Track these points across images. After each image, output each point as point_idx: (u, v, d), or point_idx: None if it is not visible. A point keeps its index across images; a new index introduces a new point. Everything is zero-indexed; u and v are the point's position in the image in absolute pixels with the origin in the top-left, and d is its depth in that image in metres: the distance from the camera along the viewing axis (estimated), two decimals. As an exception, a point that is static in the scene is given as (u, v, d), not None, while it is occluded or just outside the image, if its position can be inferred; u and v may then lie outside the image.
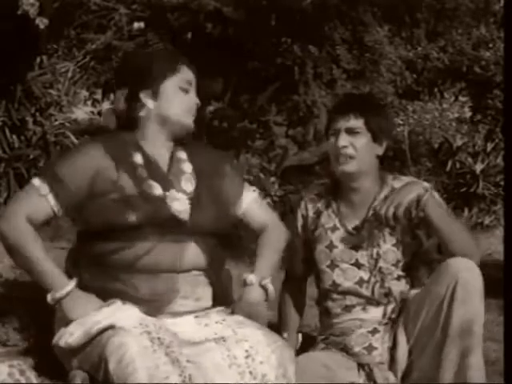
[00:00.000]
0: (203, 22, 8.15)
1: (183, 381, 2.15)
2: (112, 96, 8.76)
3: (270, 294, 2.57)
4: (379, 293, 2.66)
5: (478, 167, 9.28)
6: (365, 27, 9.15)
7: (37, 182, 2.41)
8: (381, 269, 2.66)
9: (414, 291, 2.66)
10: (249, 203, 2.66)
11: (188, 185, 2.53)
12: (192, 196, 2.51)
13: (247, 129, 9.03)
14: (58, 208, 2.40)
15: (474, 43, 11.64)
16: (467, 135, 10.71)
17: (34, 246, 2.36)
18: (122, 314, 2.30)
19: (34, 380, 2.43)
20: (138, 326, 2.25)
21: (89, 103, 9.09)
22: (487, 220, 8.90)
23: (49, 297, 2.35)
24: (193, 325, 2.41)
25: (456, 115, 11.53)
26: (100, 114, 8.84)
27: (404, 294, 2.66)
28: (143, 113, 2.50)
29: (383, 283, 2.66)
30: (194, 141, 2.60)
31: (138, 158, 2.47)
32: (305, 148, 9.25)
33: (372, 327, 2.66)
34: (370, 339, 2.66)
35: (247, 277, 2.56)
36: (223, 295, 2.52)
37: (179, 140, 2.57)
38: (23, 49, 5.97)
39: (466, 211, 8.93)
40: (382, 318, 2.66)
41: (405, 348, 2.60)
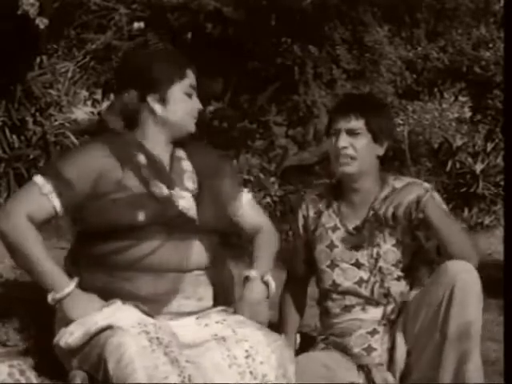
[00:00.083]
0: (203, 22, 8.15)
1: (182, 381, 2.15)
2: (112, 96, 8.76)
3: (272, 289, 2.58)
4: (378, 293, 2.66)
5: (478, 167, 9.26)
6: (365, 27, 9.15)
7: (39, 181, 2.39)
8: (381, 269, 2.65)
9: (414, 292, 2.66)
10: (245, 204, 2.67)
11: (190, 183, 2.53)
12: (195, 194, 2.52)
13: (247, 129, 9.03)
14: (60, 207, 2.39)
15: (474, 43, 11.62)
16: (467, 135, 10.70)
17: (35, 245, 2.35)
18: (122, 315, 2.30)
19: (34, 380, 2.43)
20: (137, 326, 2.25)
21: (89, 103, 9.08)
22: (487, 220, 8.89)
23: (49, 297, 2.35)
24: (193, 325, 2.40)
25: (456, 115, 11.53)
26: (100, 115, 8.82)
27: (404, 295, 2.66)
28: (147, 115, 2.50)
29: (383, 283, 2.65)
30: (192, 140, 2.60)
31: (142, 158, 2.47)
32: (305, 148, 9.24)
33: (371, 328, 2.66)
34: (370, 340, 2.65)
35: (249, 272, 2.57)
36: (224, 295, 2.52)
37: (178, 140, 2.58)
38: (23, 49, 5.97)
39: (466, 211, 8.92)
40: (382, 319, 2.66)
41: (403, 349, 2.60)
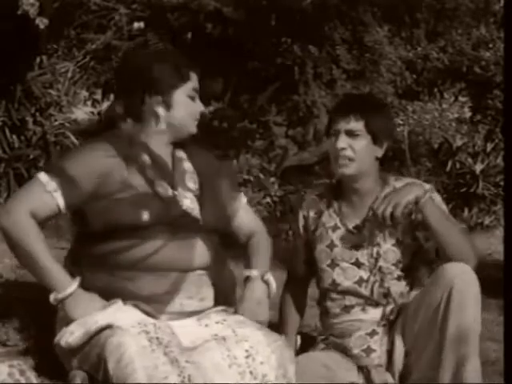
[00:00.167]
0: (203, 22, 8.16)
1: (182, 381, 2.15)
2: (112, 96, 8.76)
3: (272, 289, 2.59)
4: (378, 292, 2.66)
5: (478, 167, 9.27)
6: (365, 27, 9.15)
7: (44, 178, 2.37)
8: (381, 268, 2.65)
9: (414, 293, 2.66)
10: (241, 207, 2.69)
11: (191, 183, 2.54)
12: (197, 194, 2.52)
13: (247, 129, 9.03)
14: (64, 205, 2.37)
15: (474, 43, 11.62)
16: (467, 135, 10.70)
17: (37, 244, 2.33)
18: (122, 314, 2.30)
19: (34, 380, 2.43)
20: (136, 326, 2.25)
21: (89, 103, 9.09)
22: (487, 220, 8.90)
23: (51, 297, 2.34)
24: (193, 325, 2.40)
25: (456, 115, 11.53)
26: (100, 115, 8.82)
27: (404, 296, 2.66)
28: (149, 116, 2.50)
29: (383, 283, 2.65)
30: (190, 141, 2.61)
31: (146, 158, 2.47)
32: (305, 148, 9.24)
33: (371, 329, 2.66)
34: (369, 341, 2.65)
35: (249, 272, 2.58)
36: (224, 295, 2.52)
37: (178, 141, 2.58)
38: (23, 49, 5.97)
39: (466, 211, 8.93)
40: (381, 319, 2.66)
41: (401, 350, 2.60)
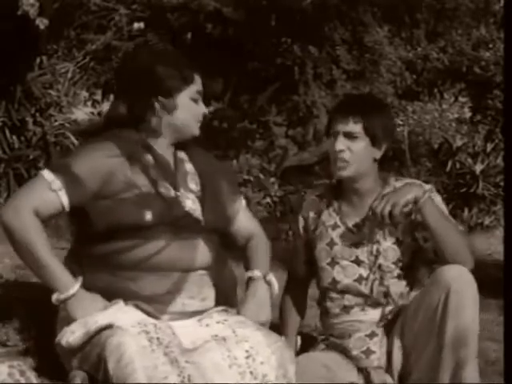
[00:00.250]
0: (203, 23, 8.17)
1: (182, 381, 2.15)
2: (112, 97, 8.76)
3: (275, 289, 2.60)
4: (378, 291, 2.66)
5: (478, 168, 9.27)
6: (365, 28, 9.16)
7: (49, 176, 2.36)
8: (380, 266, 2.65)
9: (414, 293, 2.66)
10: (241, 209, 2.69)
11: (193, 184, 2.54)
12: (199, 195, 2.53)
13: (247, 129, 9.04)
14: (68, 204, 2.36)
15: (474, 43, 11.63)
16: (467, 136, 10.70)
17: (40, 243, 2.32)
18: (122, 315, 2.30)
19: (34, 380, 2.42)
20: (136, 326, 2.25)
21: (89, 104, 9.10)
22: (487, 220, 8.90)
23: (53, 297, 2.33)
24: (194, 325, 2.40)
25: (456, 116, 11.53)
26: (100, 115, 8.83)
27: (404, 296, 2.66)
28: (152, 118, 2.49)
29: (382, 281, 2.65)
30: (191, 142, 2.60)
31: (150, 158, 2.47)
32: (304, 148, 9.25)
33: (370, 330, 2.66)
34: (368, 343, 2.66)
35: (252, 273, 2.58)
36: (226, 295, 2.52)
37: (179, 142, 2.58)
38: (23, 49, 5.97)
39: (466, 211, 8.93)
40: (380, 320, 2.66)
41: (399, 352, 2.61)
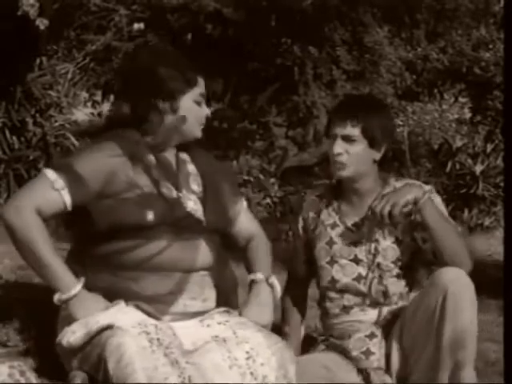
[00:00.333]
0: (203, 23, 8.17)
1: (182, 382, 2.15)
2: (112, 97, 8.77)
3: (277, 292, 2.61)
4: (376, 290, 2.66)
5: (478, 168, 9.27)
6: (365, 28, 9.17)
7: (52, 175, 2.36)
8: (379, 265, 2.65)
9: (413, 294, 2.66)
10: (242, 211, 2.69)
11: (195, 185, 2.54)
12: (200, 196, 2.53)
13: (247, 130, 9.04)
14: (70, 203, 2.36)
15: (474, 44, 11.63)
16: (467, 136, 10.69)
17: (42, 242, 2.32)
18: (123, 315, 2.30)
19: (34, 380, 2.42)
20: (137, 326, 2.25)
21: (89, 104, 9.10)
22: (487, 221, 8.90)
23: (55, 297, 2.32)
24: (195, 326, 2.40)
25: (456, 116, 11.52)
26: (100, 116, 8.84)
27: (403, 297, 2.66)
28: (155, 119, 2.48)
29: (381, 280, 2.65)
30: (193, 143, 2.60)
31: (152, 159, 2.47)
32: (304, 149, 9.26)
33: (370, 331, 2.66)
34: (368, 344, 2.66)
35: (254, 276, 2.59)
36: (226, 296, 2.52)
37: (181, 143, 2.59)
38: (23, 50, 5.98)
39: (466, 212, 8.93)
40: (380, 320, 2.66)
41: (398, 353, 2.61)
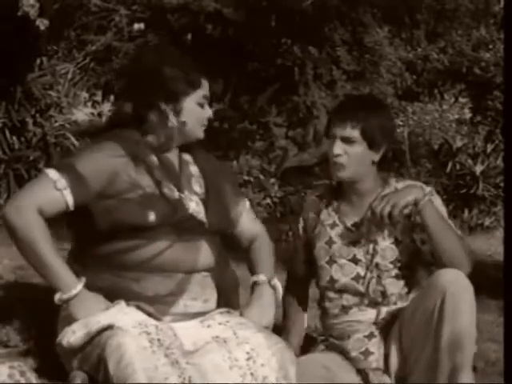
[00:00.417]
0: (203, 23, 8.17)
1: (183, 382, 2.15)
2: (112, 97, 8.77)
3: (279, 293, 2.62)
4: (374, 289, 2.66)
5: (478, 168, 9.27)
6: (365, 28, 9.17)
7: (54, 175, 2.35)
8: (378, 265, 2.65)
9: (412, 295, 2.66)
10: (245, 212, 2.69)
11: (197, 187, 2.54)
12: (203, 197, 2.53)
13: (247, 130, 9.04)
14: (72, 203, 2.36)
15: (474, 44, 11.63)
16: (467, 136, 10.70)
17: (43, 242, 2.31)
18: (124, 315, 2.30)
19: (34, 381, 2.42)
20: (137, 327, 2.25)
21: (89, 105, 9.09)
22: (487, 221, 8.90)
23: (56, 297, 2.32)
24: (196, 327, 2.40)
25: (456, 116, 11.53)
26: (100, 116, 8.83)
27: (402, 297, 2.66)
28: (157, 120, 2.48)
29: (380, 280, 2.65)
30: (195, 144, 2.60)
31: (154, 159, 2.47)
32: (304, 149, 9.26)
33: (368, 331, 2.66)
34: (367, 344, 2.66)
35: (257, 277, 2.60)
36: (227, 296, 2.53)
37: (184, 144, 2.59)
38: (23, 50, 5.98)
39: (466, 212, 8.93)
40: (378, 320, 2.66)
41: (397, 353, 2.61)
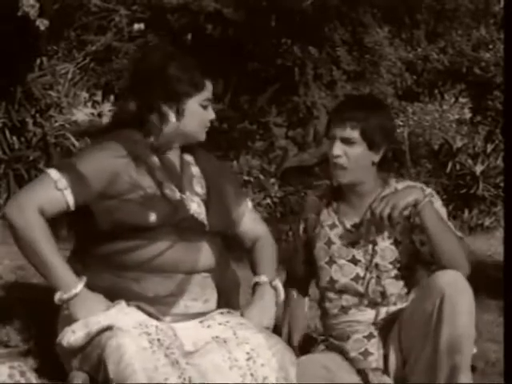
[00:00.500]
0: (203, 23, 8.17)
1: (183, 382, 2.15)
2: (112, 97, 8.77)
3: (280, 295, 2.62)
4: (373, 290, 2.66)
5: (478, 168, 9.28)
6: (365, 28, 9.17)
7: (55, 175, 2.35)
8: (377, 266, 2.65)
9: (412, 295, 2.66)
10: (247, 212, 2.69)
11: (199, 187, 2.54)
12: (204, 198, 2.53)
13: (247, 130, 9.05)
14: (73, 203, 2.36)
15: (474, 44, 11.64)
16: (467, 136, 10.71)
17: (44, 241, 2.31)
18: (124, 316, 2.30)
19: (34, 381, 2.42)
20: (138, 327, 2.25)
21: (89, 105, 9.09)
22: (487, 221, 8.90)
23: (56, 296, 2.32)
24: (196, 327, 2.40)
25: (456, 116, 11.54)
26: (100, 116, 8.83)
27: (402, 298, 2.67)
28: (160, 121, 2.48)
29: (379, 280, 2.66)
30: (197, 144, 2.60)
31: (156, 160, 2.47)
32: (304, 149, 9.26)
33: (368, 332, 2.66)
34: (366, 344, 2.66)
35: (259, 278, 2.60)
36: (228, 297, 2.53)
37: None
38: (23, 50, 5.99)
39: (466, 212, 8.94)
40: (378, 320, 2.66)
41: (396, 354, 2.61)
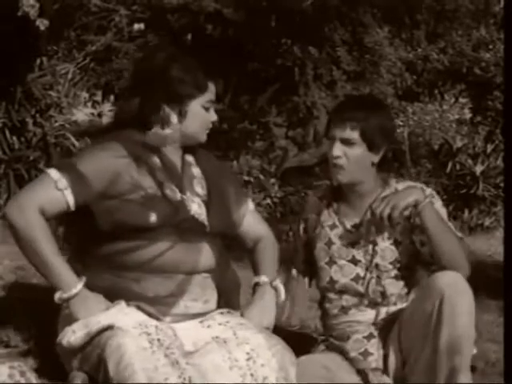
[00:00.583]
0: (203, 24, 8.18)
1: (183, 382, 2.15)
2: (112, 97, 8.77)
3: (281, 295, 2.62)
4: (374, 290, 2.66)
5: (478, 169, 9.28)
6: (365, 28, 9.17)
7: (55, 175, 2.35)
8: (378, 266, 2.65)
9: (412, 295, 2.67)
10: (249, 213, 2.69)
11: (199, 188, 2.54)
12: (205, 199, 2.53)
13: (247, 130, 9.05)
14: (73, 203, 2.36)
15: (474, 44, 11.64)
16: (467, 136, 10.71)
17: (45, 241, 2.31)
18: (124, 316, 2.30)
19: (35, 381, 2.42)
20: (138, 327, 2.25)
21: (89, 105, 9.08)
22: (487, 221, 8.90)
23: (56, 296, 2.32)
24: (196, 327, 2.41)
25: (456, 116, 11.54)
26: (100, 116, 8.83)
27: (402, 298, 2.67)
28: (161, 122, 2.48)
29: (379, 280, 2.66)
30: (196, 146, 2.60)
31: (157, 161, 2.47)
32: (305, 149, 9.26)
33: (368, 332, 2.67)
34: (366, 344, 2.66)
35: (259, 278, 2.60)
36: (228, 297, 2.53)
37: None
38: (23, 50, 5.98)
39: (466, 213, 8.93)
40: (377, 320, 2.66)
41: (396, 354, 2.61)
